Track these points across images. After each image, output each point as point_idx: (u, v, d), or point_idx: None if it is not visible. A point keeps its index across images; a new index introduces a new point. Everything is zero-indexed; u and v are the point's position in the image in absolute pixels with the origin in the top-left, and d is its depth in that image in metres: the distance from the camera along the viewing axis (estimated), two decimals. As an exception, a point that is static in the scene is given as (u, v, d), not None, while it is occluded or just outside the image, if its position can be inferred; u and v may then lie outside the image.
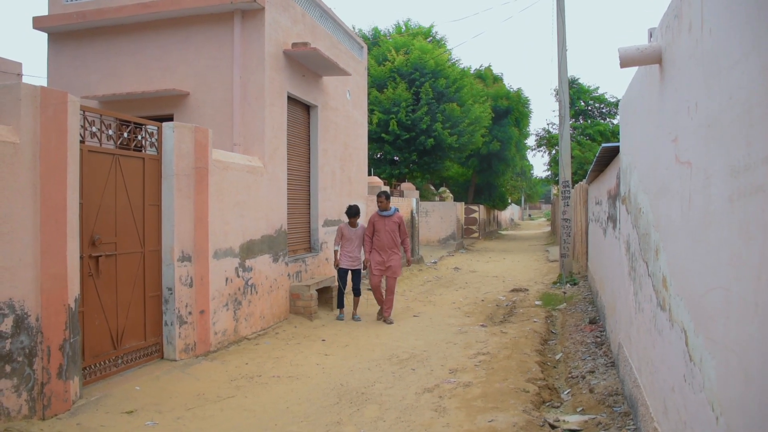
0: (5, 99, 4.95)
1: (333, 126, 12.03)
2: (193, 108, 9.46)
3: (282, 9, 9.68)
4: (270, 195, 9.19)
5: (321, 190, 11.35)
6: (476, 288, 14.48)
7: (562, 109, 15.61)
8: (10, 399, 4.76)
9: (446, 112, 25.27)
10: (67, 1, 10.19)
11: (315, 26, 11.08)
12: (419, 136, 24.84)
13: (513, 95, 35.04)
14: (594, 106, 32.84)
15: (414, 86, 25.41)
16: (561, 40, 15.39)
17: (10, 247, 4.79)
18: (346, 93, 12.82)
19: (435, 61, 25.79)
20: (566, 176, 15.32)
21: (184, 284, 7.08)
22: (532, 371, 6.66)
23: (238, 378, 6.62)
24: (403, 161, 26.06)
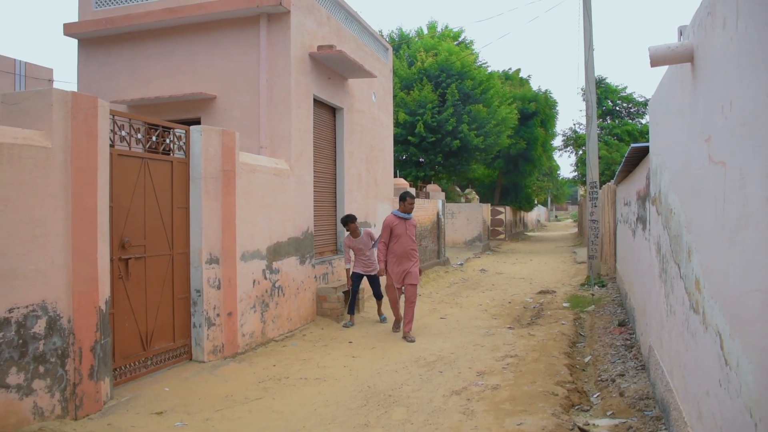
0: (38, 104, 5.03)
1: (359, 128, 12.05)
2: (220, 111, 9.53)
3: (307, 12, 9.72)
4: (296, 197, 9.22)
5: (347, 193, 11.37)
6: (503, 290, 14.38)
7: (590, 109, 15.45)
8: (44, 399, 4.83)
9: (472, 113, 25.17)
10: (97, 7, 10.34)
11: (340, 29, 11.10)
12: (445, 137, 24.77)
13: (540, 97, 34.78)
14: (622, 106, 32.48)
15: (440, 88, 25.35)
16: (587, 40, 15.24)
17: (42, 250, 4.86)
18: (371, 95, 12.83)
19: (461, 63, 25.70)
20: (594, 177, 15.15)
21: (212, 286, 7.13)
22: (561, 374, 6.59)
23: (266, 380, 6.64)
24: (429, 163, 26.00)
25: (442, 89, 25.33)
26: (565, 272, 18.24)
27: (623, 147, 28.29)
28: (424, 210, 16.99)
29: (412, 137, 24.64)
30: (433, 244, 17.85)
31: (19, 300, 4.66)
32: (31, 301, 4.76)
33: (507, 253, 26.33)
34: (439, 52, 26.13)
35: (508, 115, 27.30)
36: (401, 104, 24.75)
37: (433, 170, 26.61)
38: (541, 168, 39.34)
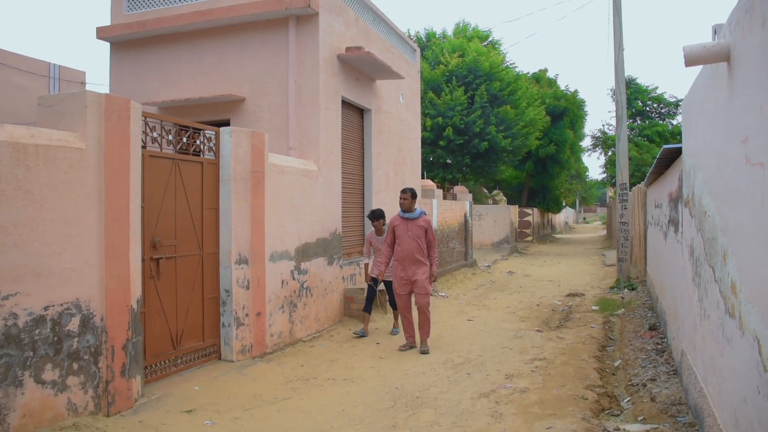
0: (72, 106, 5.11)
1: (386, 129, 12.05)
2: (249, 113, 9.61)
3: (336, 14, 9.76)
4: (325, 198, 9.26)
5: (375, 194, 11.38)
6: (531, 292, 14.27)
7: (620, 110, 15.28)
8: (78, 395, 4.91)
9: (500, 115, 25.03)
10: (129, 11, 10.50)
11: (368, 30, 11.12)
12: (473, 139, 24.66)
13: (569, 97, 34.44)
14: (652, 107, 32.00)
15: (469, 89, 25.24)
16: (617, 39, 15.07)
17: (77, 249, 4.94)
18: (399, 96, 12.83)
19: (490, 64, 25.57)
20: (624, 178, 14.97)
21: (241, 286, 7.19)
22: (591, 378, 6.51)
23: (294, 380, 6.67)
24: (456, 164, 25.91)
25: (471, 90, 25.22)
26: (593, 275, 18.04)
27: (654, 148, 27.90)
28: (451, 211, 16.94)
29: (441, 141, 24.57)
30: (460, 246, 17.78)
31: (55, 298, 4.75)
32: (65, 299, 4.84)
33: (535, 256, 26.13)
34: (466, 53, 26.02)
35: (536, 116, 27.09)
36: (431, 106, 24.70)
37: (461, 172, 26.51)
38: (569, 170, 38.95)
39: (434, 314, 10.92)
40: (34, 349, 4.58)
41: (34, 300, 4.60)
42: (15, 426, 4.41)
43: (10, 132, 4.50)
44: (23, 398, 4.48)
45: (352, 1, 10.60)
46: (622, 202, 15.04)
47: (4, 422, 4.34)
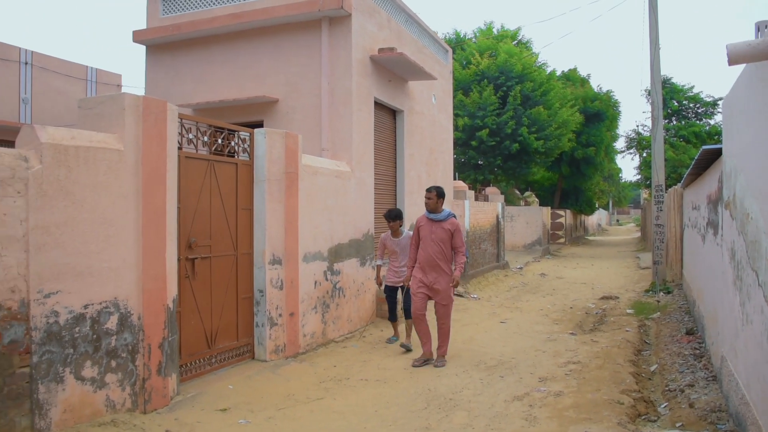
0: (111, 109, 5.19)
1: (419, 131, 12.04)
2: (283, 114, 9.67)
3: (368, 15, 9.77)
4: (357, 199, 9.27)
5: (407, 195, 11.37)
6: (564, 295, 14.12)
7: (655, 110, 15.03)
8: (116, 392, 4.99)
9: (532, 116, 24.82)
10: (164, 14, 10.65)
11: (401, 31, 11.12)
12: (504, 140, 24.50)
13: (603, 97, 34.01)
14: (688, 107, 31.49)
15: (500, 90, 25.08)
16: (653, 38, 14.84)
17: (115, 249, 5.02)
18: (431, 97, 12.81)
19: (522, 64, 25.38)
20: (659, 180, 14.72)
21: (274, 287, 7.23)
22: (626, 382, 6.41)
23: (327, 380, 6.69)
24: (488, 166, 25.76)
25: (502, 91, 25.05)
26: (628, 278, 17.78)
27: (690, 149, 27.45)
28: (483, 213, 16.86)
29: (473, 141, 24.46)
30: (492, 248, 17.68)
31: (94, 297, 4.83)
32: (104, 297, 4.92)
33: (567, 258, 25.86)
34: (497, 53, 25.86)
35: (569, 117, 26.81)
36: (460, 107, 24.60)
37: (493, 173, 26.35)
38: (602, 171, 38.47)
39: (466, 316, 10.89)
40: (74, 346, 4.66)
41: (75, 298, 4.68)
42: (56, 421, 4.50)
43: (52, 134, 4.59)
44: (64, 394, 4.56)
45: (384, 2, 10.62)
46: (657, 204, 14.79)
47: (47, 417, 4.43)
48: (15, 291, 4.24)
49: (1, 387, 4.14)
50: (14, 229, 4.24)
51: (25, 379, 4.30)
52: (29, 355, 4.34)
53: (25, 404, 4.30)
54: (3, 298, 4.16)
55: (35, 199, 4.38)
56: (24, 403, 4.29)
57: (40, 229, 4.41)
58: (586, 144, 32.07)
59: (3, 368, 4.16)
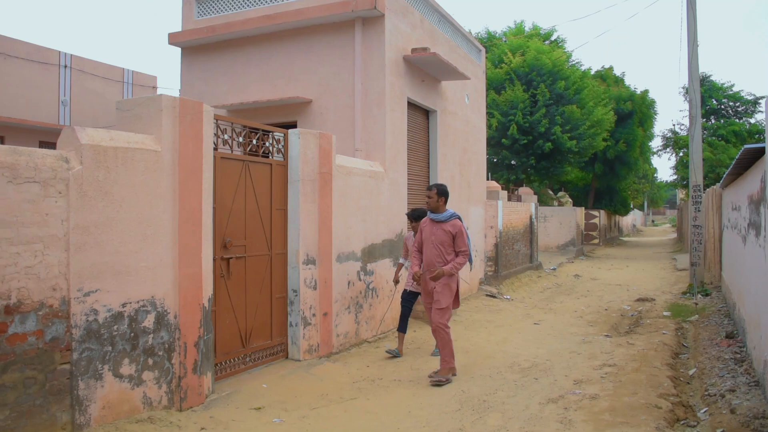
0: (148, 110, 5.27)
1: (452, 131, 11.99)
2: (316, 115, 9.71)
3: (401, 15, 9.77)
4: (391, 200, 9.27)
5: (440, 195, 11.31)
6: (598, 296, 13.94)
7: (693, 109, 14.76)
8: (152, 390, 5.06)
9: (565, 114, 24.55)
10: (199, 17, 10.79)
11: (434, 31, 11.09)
12: (537, 139, 24.28)
13: (637, 96, 33.49)
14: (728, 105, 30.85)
15: (531, 88, 24.86)
16: (692, 35, 14.57)
17: (152, 248, 5.09)
18: (464, 97, 12.75)
19: (552, 62, 25.12)
20: (697, 180, 14.44)
21: (308, 287, 7.27)
22: (664, 386, 6.30)
23: (360, 380, 6.70)
24: (521, 165, 25.56)
25: (533, 89, 24.83)
26: (664, 279, 17.49)
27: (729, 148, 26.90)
28: (516, 213, 16.73)
29: (504, 139, 24.30)
30: (525, 248, 17.53)
31: (132, 295, 4.91)
32: (141, 296, 5.00)
33: (602, 259, 25.52)
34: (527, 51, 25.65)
35: (603, 116, 26.45)
36: (492, 105, 24.46)
37: (525, 173, 26.14)
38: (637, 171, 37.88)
39: (499, 317, 10.82)
40: (112, 344, 4.74)
41: (113, 297, 4.76)
42: (95, 417, 4.58)
43: (91, 135, 4.67)
44: (103, 390, 4.65)
45: (417, 2, 10.60)
46: (695, 205, 14.52)
47: (86, 413, 4.51)
48: (56, 289, 4.33)
49: (43, 383, 4.24)
50: (56, 228, 4.33)
51: (65, 376, 4.39)
52: (70, 352, 4.42)
53: (66, 400, 4.39)
54: (45, 296, 4.26)
55: (76, 200, 4.46)
56: (65, 398, 4.38)
57: (80, 229, 4.50)
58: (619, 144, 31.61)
59: (45, 364, 4.25)
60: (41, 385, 4.23)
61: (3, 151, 4.08)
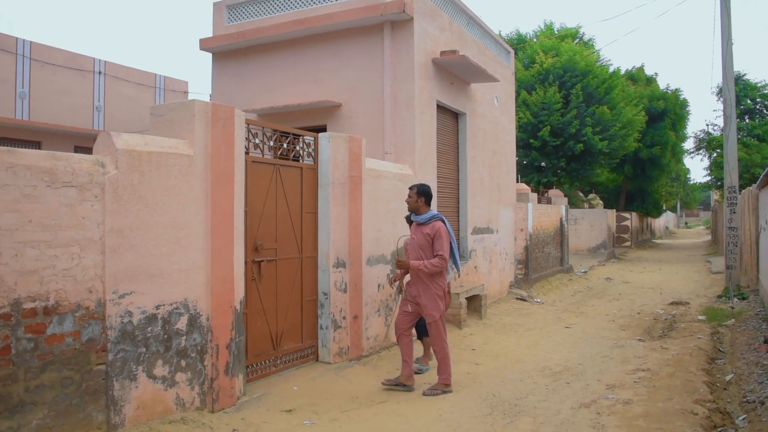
0: (181, 115, 5.34)
1: (481, 133, 11.95)
2: (345, 118, 9.75)
3: (430, 18, 9.76)
4: (420, 202, 9.25)
5: (470, 198, 11.29)
6: (631, 300, 13.76)
7: (728, 108, 14.49)
8: (185, 391, 5.12)
9: (596, 115, 24.29)
10: (230, 22, 10.92)
11: (462, 33, 11.07)
12: (568, 141, 24.07)
13: (669, 96, 33.00)
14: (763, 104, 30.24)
15: (564, 89, 24.65)
16: (726, 33, 14.31)
17: (185, 251, 5.16)
18: (493, 99, 12.70)
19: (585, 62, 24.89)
20: (732, 181, 14.18)
21: (338, 290, 7.29)
22: (700, 392, 6.18)
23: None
24: (551, 167, 25.35)
25: (566, 90, 24.61)
26: (698, 282, 17.19)
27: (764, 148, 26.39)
28: (546, 216, 16.60)
29: (534, 140, 24.13)
30: (555, 251, 17.38)
31: (165, 298, 4.98)
32: (174, 299, 5.06)
33: (633, 261, 25.19)
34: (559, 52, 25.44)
35: (634, 117, 26.11)
36: (523, 106, 24.31)
37: (555, 175, 25.92)
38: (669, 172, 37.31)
39: (530, 320, 10.74)
40: (146, 345, 4.81)
41: (147, 299, 4.84)
42: (130, 417, 4.66)
43: (126, 140, 4.76)
44: (137, 391, 4.72)
45: (446, 4, 10.59)
46: (730, 206, 14.26)
47: (121, 413, 4.59)
48: (92, 291, 4.41)
49: (80, 383, 4.32)
50: (92, 231, 4.42)
51: (101, 376, 4.47)
52: (105, 353, 4.50)
53: (101, 400, 4.47)
54: (81, 298, 4.34)
55: (111, 203, 4.55)
56: (100, 399, 4.46)
57: (115, 232, 4.58)
58: (651, 144, 31.19)
59: (81, 365, 4.34)
60: (78, 385, 4.31)
61: (42, 156, 4.17)
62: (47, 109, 16.51)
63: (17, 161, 4.01)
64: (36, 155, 4.15)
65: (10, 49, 15.76)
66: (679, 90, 34.08)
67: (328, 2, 9.91)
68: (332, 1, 9.87)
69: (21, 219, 4.00)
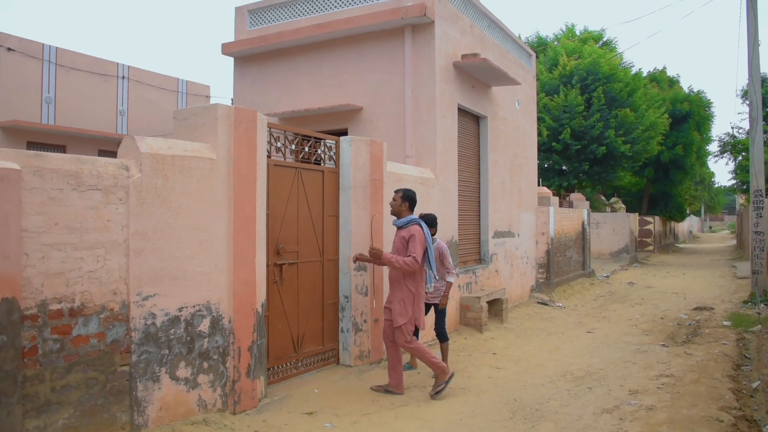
0: (204, 119, 5.39)
1: (502, 136, 11.91)
2: (366, 122, 9.77)
3: (451, 21, 9.76)
4: (441, 206, 9.25)
5: (491, 201, 11.25)
6: (654, 305, 13.60)
7: (754, 111, 14.28)
8: (207, 393, 5.16)
9: (619, 118, 24.09)
10: (251, 27, 11.00)
11: (483, 36, 11.04)
12: (590, 144, 23.89)
13: (693, 98, 32.60)
14: (790, 107, 29.76)
15: (586, 92, 24.48)
16: (752, 34, 14.10)
17: (207, 254, 5.20)
18: (515, 102, 12.65)
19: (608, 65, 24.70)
20: (759, 184, 13.96)
21: (360, 293, 7.30)
22: (725, 399, 6.10)
23: (411, 387, 6.68)
24: (572, 171, 25.17)
25: (588, 93, 24.44)
26: (723, 288, 16.95)
27: (791, 152, 25.93)
28: (568, 220, 16.48)
29: (555, 144, 23.98)
30: (577, 255, 17.26)
31: (188, 300, 5.02)
32: (197, 301, 5.10)
33: (656, 266, 24.91)
34: (582, 55, 25.28)
35: (657, 119, 25.86)
36: (544, 110, 24.18)
37: (577, 179, 25.73)
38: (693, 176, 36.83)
39: (551, 325, 10.67)
40: (169, 347, 4.86)
41: (170, 301, 4.88)
42: (153, 418, 4.70)
43: (150, 144, 4.81)
44: (160, 392, 4.76)
45: (467, 8, 10.58)
46: (756, 210, 14.03)
47: (144, 414, 4.63)
48: (116, 293, 4.47)
49: (104, 383, 4.37)
50: (116, 234, 4.47)
51: (125, 377, 4.52)
52: (129, 354, 4.55)
53: (125, 401, 4.52)
54: (106, 300, 4.39)
55: (135, 206, 4.60)
56: (124, 399, 4.51)
57: (139, 235, 4.63)
58: (674, 147, 30.82)
59: (106, 366, 4.39)
60: (102, 385, 4.37)
61: (68, 160, 4.23)
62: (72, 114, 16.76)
63: (44, 165, 4.07)
64: (62, 159, 4.21)
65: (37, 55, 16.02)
66: (702, 92, 33.68)
67: (349, 6, 9.95)
68: (353, 5, 9.90)
69: (47, 222, 4.06)
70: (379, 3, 9.67)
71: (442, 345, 7.35)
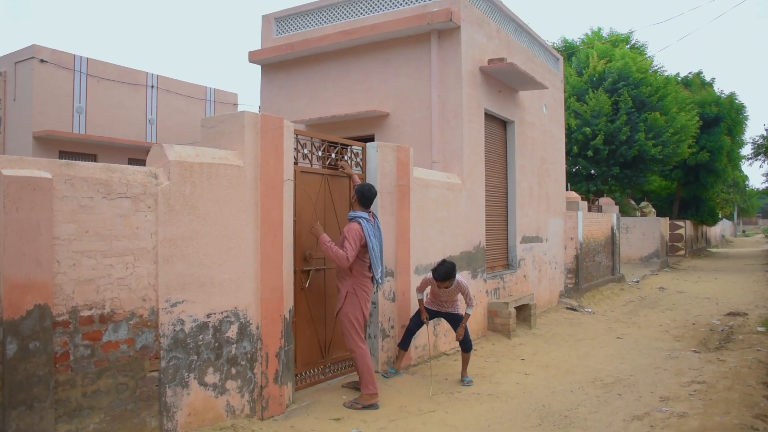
0: (231, 126, 5.44)
1: (530, 141, 11.83)
2: (393, 127, 9.78)
3: (477, 26, 9.73)
4: (468, 211, 9.21)
5: (518, 207, 11.18)
6: (685, 310, 13.38)
7: (787, 114, 14.01)
8: (235, 398, 5.19)
9: (648, 121, 23.78)
10: (278, 34, 11.09)
11: (510, 41, 10.99)
12: (619, 147, 23.62)
13: (724, 101, 32.06)
14: (825, 109, 29.13)
15: (615, 95, 24.23)
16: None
17: (235, 260, 5.23)
18: (542, 107, 12.56)
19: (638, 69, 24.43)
20: (793, 188, 13.69)
21: (387, 298, 7.29)
22: (760, 406, 5.97)
23: (438, 393, 6.66)
24: (601, 175, 24.90)
25: (616, 96, 24.20)
26: (757, 293, 16.61)
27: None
28: (597, 224, 16.30)
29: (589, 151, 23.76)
30: (607, 260, 17.05)
31: (216, 306, 5.05)
32: (225, 307, 5.14)
33: (688, 271, 24.51)
34: (612, 58, 25.03)
35: (688, 122, 25.48)
36: (573, 115, 23.98)
37: (606, 183, 25.45)
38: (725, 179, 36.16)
39: (580, 330, 10.55)
40: (198, 353, 4.89)
41: (198, 308, 4.92)
42: (182, 423, 4.74)
43: (178, 152, 4.86)
44: (189, 398, 4.79)
45: (493, 12, 10.55)
46: (791, 214, 13.76)
47: (173, 419, 4.67)
48: (146, 300, 4.51)
49: (134, 389, 4.42)
50: (145, 241, 4.52)
51: (154, 383, 4.56)
52: (158, 360, 4.59)
53: (155, 406, 4.56)
54: (135, 306, 4.44)
55: (164, 214, 4.65)
56: (153, 404, 4.55)
57: (168, 242, 4.68)
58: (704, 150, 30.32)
59: (135, 371, 4.43)
60: (132, 391, 4.41)
61: (98, 169, 4.29)
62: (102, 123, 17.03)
63: (75, 174, 4.13)
64: (92, 168, 4.28)
65: (68, 66, 16.32)
66: (734, 95, 33.09)
67: (374, 13, 9.98)
68: (379, 12, 9.94)
69: (78, 229, 4.12)
70: (404, 9, 9.69)
71: (465, 355, 7.23)
